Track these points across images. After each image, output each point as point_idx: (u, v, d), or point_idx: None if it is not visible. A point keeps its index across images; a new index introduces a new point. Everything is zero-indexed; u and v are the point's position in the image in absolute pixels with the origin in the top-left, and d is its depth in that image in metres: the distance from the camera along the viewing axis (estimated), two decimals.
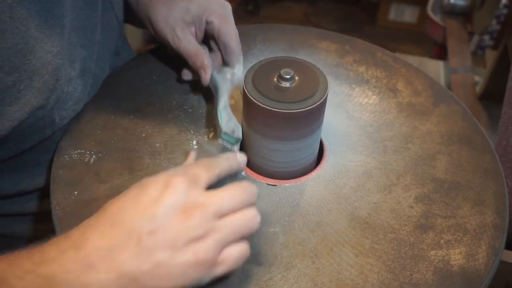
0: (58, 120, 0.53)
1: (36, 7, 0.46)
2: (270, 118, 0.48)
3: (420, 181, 0.54)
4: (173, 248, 0.36)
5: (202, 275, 0.37)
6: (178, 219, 0.36)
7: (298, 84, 0.49)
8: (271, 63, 0.52)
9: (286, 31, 0.76)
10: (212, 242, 0.37)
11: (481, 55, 1.94)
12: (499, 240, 0.48)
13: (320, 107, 0.49)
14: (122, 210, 0.37)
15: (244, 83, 0.50)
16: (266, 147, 0.52)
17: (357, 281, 0.45)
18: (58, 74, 0.49)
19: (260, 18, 2.43)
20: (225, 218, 0.39)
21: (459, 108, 0.63)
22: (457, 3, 1.54)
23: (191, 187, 0.38)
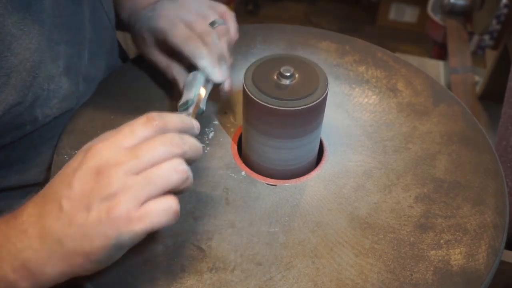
0: (42, 118, 0.52)
1: (14, 3, 0.45)
2: (270, 115, 0.48)
3: (420, 181, 0.54)
4: (88, 208, 0.37)
5: (119, 232, 0.37)
6: (91, 180, 0.37)
7: (298, 81, 0.49)
8: (271, 61, 0.51)
9: (286, 31, 0.76)
10: (125, 197, 0.37)
11: (481, 55, 1.94)
12: (499, 240, 0.48)
13: (320, 105, 0.49)
14: (53, 181, 0.40)
15: (244, 80, 0.49)
16: (266, 145, 0.52)
17: (357, 281, 0.45)
18: (36, 71, 0.48)
19: (260, 18, 2.43)
20: (142, 173, 0.38)
21: (459, 108, 0.63)
22: (457, 3, 1.54)
23: (110, 150, 0.38)
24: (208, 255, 0.46)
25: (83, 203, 0.37)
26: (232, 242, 0.47)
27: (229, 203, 0.51)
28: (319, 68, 0.51)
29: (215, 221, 0.49)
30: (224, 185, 0.53)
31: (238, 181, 0.54)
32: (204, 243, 0.47)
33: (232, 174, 0.54)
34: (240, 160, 0.56)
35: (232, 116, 0.61)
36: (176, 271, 0.45)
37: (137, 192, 0.37)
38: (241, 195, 0.52)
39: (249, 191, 0.52)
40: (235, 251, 0.47)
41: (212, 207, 0.51)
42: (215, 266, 0.45)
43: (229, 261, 0.46)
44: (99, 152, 0.38)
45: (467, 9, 1.54)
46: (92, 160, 0.38)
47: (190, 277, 0.44)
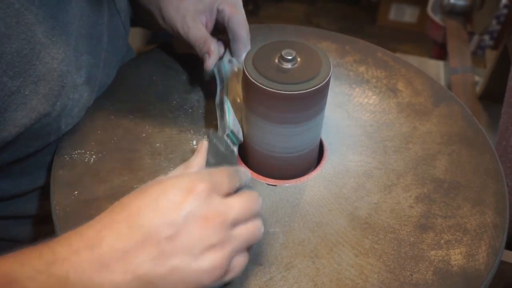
0: (64, 127, 0.53)
1: (43, 13, 0.46)
2: (271, 100, 0.47)
3: (420, 181, 0.54)
4: (191, 254, 0.36)
5: (215, 281, 0.37)
6: (198, 226, 0.36)
7: (300, 65, 0.47)
8: (272, 45, 0.50)
9: (286, 31, 0.76)
10: (228, 250, 0.38)
11: (481, 55, 1.94)
12: (499, 240, 0.48)
13: (323, 89, 0.48)
14: (141, 211, 0.37)
15: (244, 64, 0.48)
16: (267, 131, 0.50)
17: (357, 281, 0.45)
18: (64, 81, 0.49)
19: (260, 18, 2.43)
20: (239, 228, 0.39)
21: (459, 108, 0.63)
22: (457, 3, 1.54)
23: (212, 195, 0.38)
24: None
25: (186, 248, 0.36)
26: None
27: None
28: (322, 52, 0.49)
29: None
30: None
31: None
32: None
33: None
34: (240, 160, 0.56)
35: None
36: None
37: (237, 247, 0.39)
38: None
39: None
40: None
41: None
42: None
43: None
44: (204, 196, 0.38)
45: (467, 9, 1.54)
46: (198, 203, 0.37)
47: None
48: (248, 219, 0.40)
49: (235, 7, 0.60)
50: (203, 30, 0.59)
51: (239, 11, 0.60)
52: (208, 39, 0.59)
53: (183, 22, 0.59)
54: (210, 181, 0.39)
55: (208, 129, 0.58)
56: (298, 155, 0.53)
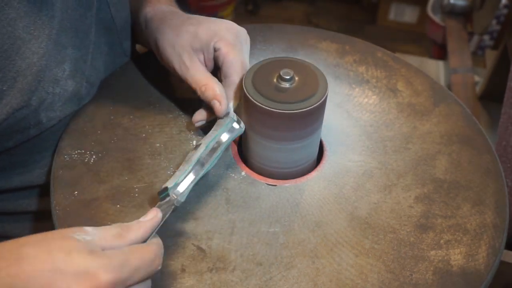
0: (46, 121, 0.52)
1: (25, 8, 0.45)
2: (270, 118, 0.48)
3: (420, 181, 0.54)
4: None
5: None
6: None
7: (298, 84, 0.49)
8: (271, 64, 0.52)
9: (286, 31, 0.76)
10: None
11: (481, 55, 1.94)
12: (499, 240, 0.48)
13: (320, 108, 0.49)
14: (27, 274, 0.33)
15: (244, 83, 0.50)
16: (266, 148, 0.52)
17: (357, 281, 0.45)
18: (41, 75, 0.48)
19: (260, 18, 2.43)
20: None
21: (459, 108, 0.63)
22: (457, 3, 1.54)
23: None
24: (208, 255, 0.46)
25: None
26: (232, 242, 0.47)
27: (229, 203, 0.51)
28: (318, 71, 0.51)
29: (215, 221, 0.49)
30: (224, 185, 0.53)
31: (238, 181, 0.54)
32: (204, 243, 0.47)
33: (232, 174, 0.54)
34: (240, 160, 0.56)
35: None
36: (176, 271, 0.45)
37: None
38: (241, 195, 0.52)
39: (249, 191, 0.52)
40: (235, 251, 0.47)
41: (212, 207, 0.51)
42: (215, 266, 0.45)
43: (229, 261, 0.46)
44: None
45: (467, 9, 1.54)
46: None
47: (190, 277, 0.44)
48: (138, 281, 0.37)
49: (233, 47, 0.54)
50: (203, 70, 0.54)
51: (237, 52, 0.54)
52: (210, 81, 0.53)
53: (180, 62, 0.55)
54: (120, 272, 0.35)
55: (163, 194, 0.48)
56: (298, 169, 0.54)
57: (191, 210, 0.50)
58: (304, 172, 0.55)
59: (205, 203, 0.51)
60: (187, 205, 0.51)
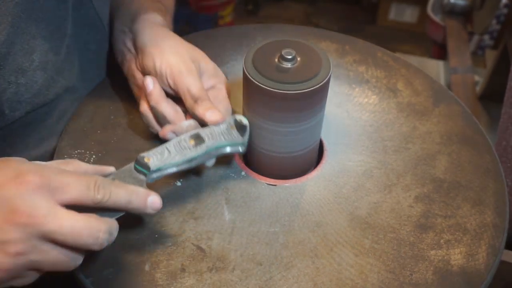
0: (9, 112, 0.50)
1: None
2: (271, 99, 0.47)
3: (420, 181, 0.54)
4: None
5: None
6: (2, 216, 0.34)
7: (300, 65, 0.48)
8: (272, 44, 0.50)
9: (286, 31, 0.76)
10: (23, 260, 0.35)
11: (481, 55, 1.94)
12: (499, 240, 0.48)
13: (323, 89, 0.48)
14: None
15: (244, 63, 0.48)
16: (267, 130, 0.50)
17: (357, 281, 0.45)
18: (1, 63, 0.47)
19: (260, 18, 2.43)
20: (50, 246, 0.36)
21: (459, 108, 0.63)
22: (457, 3, 1.54)
23: (40, 194, 0.35)
24: (208, 255, 0.46)
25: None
26: (232, 242, 0.47)
27: (229, 203, 0.51)
28: (322, 52, 0.50)
29: (215, 221, 0.49)
30: (224, 185, 0.53)
31: (238, 181, 0.54)
32: (204, 243, 0.47)
33: (232, 174, 0.54)
34: (240, 160, 0.56)
35: None
36: (176, 271, 0.45)
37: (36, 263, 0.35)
38: (241, 195, 0.52)
39: (249, 191, 0.52)
40: (235, 251, 0.47)
41: (212, 207, 0.51)
42: (215, 266, 0.45)
43: (229, 261, 0.46)
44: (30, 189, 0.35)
45: (467, 9, 1.54)
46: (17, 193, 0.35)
47: (190, 277, 0.44)
48: (68, 244, 0.36)
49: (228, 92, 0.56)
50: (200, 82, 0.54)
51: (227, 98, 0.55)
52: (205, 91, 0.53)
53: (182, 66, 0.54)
54: (49, 178, 0.35)
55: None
56: (298, 154, 0.53)
57: (191, 210, 0.50)
58: (304, 170, 0.55)
59: (205, 203, 0.51)
60: (187, 205, 0.51)
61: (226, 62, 0.70)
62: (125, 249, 0.46)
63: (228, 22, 2.14)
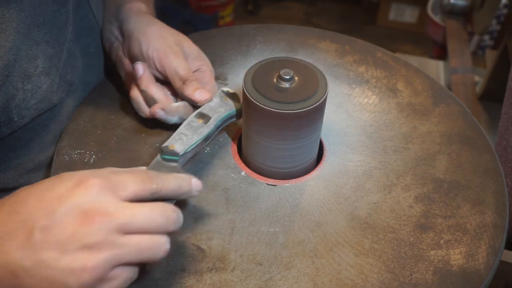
0: (18, 119, 0.50)
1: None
2: (269, 118, 0.48)
3: (420, 181, 0.54)
4: (63, 250, 0.33)
5: (83, 286, 0.34)
6: (77, 221, 0.34)
7: (298, 84, 0.49)
8: (271, 63, 0.51)
9: (286, 31, 0.76)
10: (106, 256, 0.34)
11: (481, 55, 1.94)
12: (499, 240, 0.48)
13: (320, 108, 0.49)
14: (26, 199, 0.35)
15: (244, 83, 0.50)
16: (266, 147, 0.52)
17: (357, 281, 0.45)
18: (9, 70, 0.47)
19: (260, 18, 2.43)
20: (130, 236, 0.35)
21: (459, 108, 0.63)
22: (457, 3, 1.54)
23: (104, 193, 0.35)
24: (208, 255, 0.46)
25: (59, 242, 0.33)
26: (232, 242, 0.47)
27: (229, 203, 0.51)
28: (318, 71, 0.51)
29: (215, 221, 0.49)
30: (224, 185, 0.53)
31: (238, 181, 0.54)
32: (204, 243, 0.47)
33: (232, 174, 0.54)
34: (240, 160, 0.56)
35: None
36: (176, 271, 0.45)
37: (120, 256, 0.35)
38: (241, 195, 0.52)
39: (249, 191, 0.52)
40: (235, 251, 0.47)
41: (212, 207, 0.51)
42: (215, 266, 0.45)
43: (229, 261, 0.46)
44: (94, 191, 0.35)
45: (467, 9, 1.54)
46: (84, 198, 0.34)
47: (190, 277, 0.44)
48: (148, 230, 0.36)
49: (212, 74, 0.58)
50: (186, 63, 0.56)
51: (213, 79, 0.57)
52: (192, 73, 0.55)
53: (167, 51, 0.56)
54: (108, 178, 0.36)
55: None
56: (298, 168, 0.54)
57: (191, 210, 0.50)
58: (304, 172, 0.55)
59: (205, 203, 0.51)
60: (187, 205, 0.51)
61: (226, 62, 0.70)
62: None
63: (228, 22, 2.14)
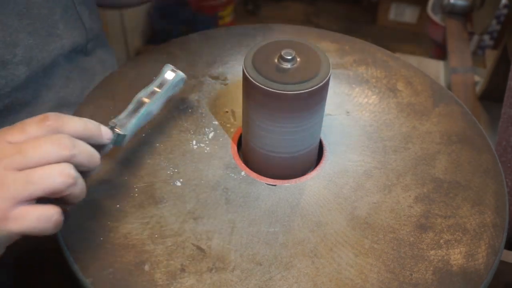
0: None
1: None
2: (270, 99, 0.47)
3: (420, 181, 0.54)
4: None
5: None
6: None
7: (300, 65, 0.48)
8: (272, 44, 0.50)
9: (286, 31, 0.76)
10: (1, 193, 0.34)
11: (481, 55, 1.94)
12: (499, 240, 0.48)
13: (322, 89, 0.48)
14: None
15: (244, 63, 0.48)
16: (266, 130, 0.50)
17: (357, 281, 0.45)
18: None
19: (260, 18, 2.43)
20: (23, 171, 0.35)
21: (459, 108, 0.63)
22: (457, 3, 1.54)
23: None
24: (208, 255, 0.46)
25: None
26: (232, 242, 0.47)
27: (229, 203, 0.51)
28: (321, 52, 0.50)
29: (215, 221, 0.49)
30: (224, 185, 0.53)
31: (238, 181, 0.54)
32: (204, 243, 0.47)
33: (232, 174, 0.54)
34: (240, 160, 0.56)
35: (232, 116, 0.61)
36: (176, 271, 0.45)
37: (15, 191, 0.35)
38: (241, 195, 0.52)
39: (249, 191, 0.52)
40: (235, 251, 0.47)
41: (212, 207, 0.51)
42: (215, 266, 0.45)
43: (229, 261, 0.46)
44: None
45: (467, 9, 1.54)
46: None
47: (190, 277, 0.44)
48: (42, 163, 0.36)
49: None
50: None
51: None
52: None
53: None
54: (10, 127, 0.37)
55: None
56: (297, 155, 0.53)
57: (191, 210, 0.50)
58: (304, 170, 0.55)
59: (205, 203, 0.51)
60: (187, 205, 0.51)
61: (226, 62, 0.70)
62: (125, 249, 0.46)
63: (228, 22, 2.14)
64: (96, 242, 0.47)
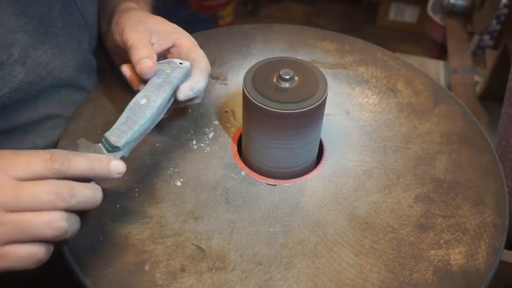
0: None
1: None
2: (269, 118, 0.48)
3: (420, 181, 0.54)
4: None
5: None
6: None
7: (298, 84, 0.49)
8: (271, 63, 0.52)
9: (286, 31, 0.76)
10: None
11: (481, 55, 1.93)
12: (499, 240, 0.48)
13: (319, 108, 0.49)
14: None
15: (244, 82, 0.50)
16: (266, 147, 0.52)
17: (357, 281, 0.45)
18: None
19: (260, 18, 2.43)
20: (15, 215, 0.36)
21: (459, 108, 0.63)
22: (457, 3, 1.54)
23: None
24: (208, 255, 0.46)
25: None
26: (232, 242, 0.47)
27: (229, 203, 0.51)
28: (318, 71, 0.51)
29: (215, 221, 0.49)
30: (224, 185, 0.53)
31: (238, 181, 0.54)
32: (204, 243, 0.47)
33: (232, 174, 0.54)
34: (240, 160, 0.56)
35: (232, 116, 0.61)
36: (176, 271, 0.45)
37: (3, 234, 0.36)
38: (241, 195, 0.52)
39: (249, 191, 0.52)
40: (235, 251, 0.47)
41: (212, 207, 0.51)
42: (215, 266, 0.45)
43: (229, 261, 0.46)
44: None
45: (467, 9, 1.54)
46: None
47: (190, 277, 0.44)
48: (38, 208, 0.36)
49: (195, 44, 0.58)
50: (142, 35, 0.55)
51: (198, 48, 0.57)
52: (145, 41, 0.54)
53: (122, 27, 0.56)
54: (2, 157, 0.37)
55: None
56: (298, 168, 0.54)
57: (191, 210, 0.50)
58: (304, 172, 0.55)
59: (205, 203, 0.51)
60: (187, 205, 0.51)
61: (226, 62, 0.70)
62: (125, 249, 0.46)
63: (228, 22, 2.14)
64: (96, 242, 0.47)
